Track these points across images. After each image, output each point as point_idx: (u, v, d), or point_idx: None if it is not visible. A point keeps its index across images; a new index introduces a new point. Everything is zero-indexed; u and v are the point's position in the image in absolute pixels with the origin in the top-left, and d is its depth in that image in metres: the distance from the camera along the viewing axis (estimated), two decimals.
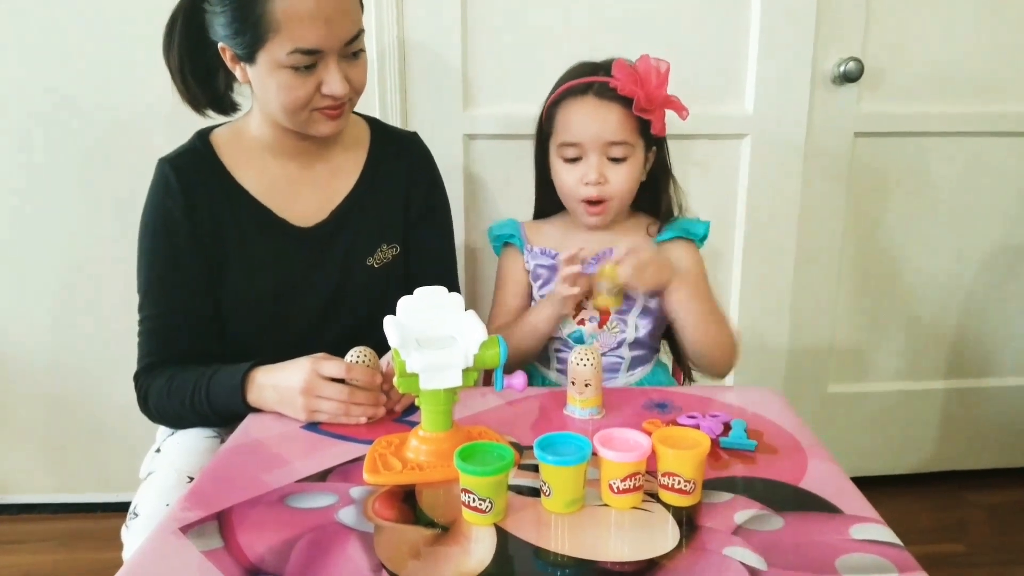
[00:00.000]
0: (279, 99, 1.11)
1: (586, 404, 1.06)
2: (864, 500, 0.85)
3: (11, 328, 1.84)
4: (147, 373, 1.18)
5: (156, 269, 1.19)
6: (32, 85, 1.68)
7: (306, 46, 1.06)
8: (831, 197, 1.85)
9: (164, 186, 1.18)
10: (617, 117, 1.21)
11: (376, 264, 1.28)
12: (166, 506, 1.01)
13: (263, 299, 1.23)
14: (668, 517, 0.82)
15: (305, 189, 1.25)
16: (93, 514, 1.96)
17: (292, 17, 1.05)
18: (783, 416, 1.07)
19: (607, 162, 1.23)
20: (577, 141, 1.23)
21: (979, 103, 1.83)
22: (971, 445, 2.09)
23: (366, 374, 1.03)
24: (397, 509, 0.83)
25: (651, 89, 1.19)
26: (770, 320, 1.90)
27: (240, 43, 1.08)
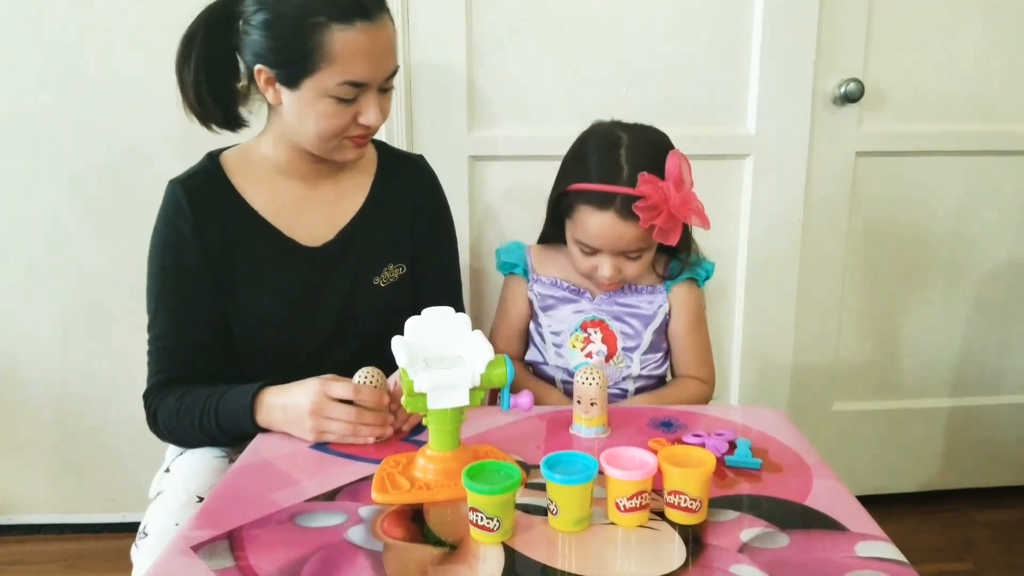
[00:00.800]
0: (317, 125, 1.14)
1: (592, 423, 1.06)
2: (869, 518, 0.86)
3: (20, 348, 1.85)
4: (157, 392, 1.19)
5: (166, 288, 1.20)
6: (44, 106, 1.70)
7: (356, 79, 1.10)
8: (833, 216, 1.86)
9: (175, 207, 1.19)
10: (635, 234, 1.21)
11: (383, 283, 1.29)
12: (175, 525, 1.02)
13: (271, 318, 1.24)
14: (674, 535, 0.82)
15: (314, 209, 1.26)
16: (101, 534, 1.96)
17: (347, 52, 1.08)
18: (787, 434, 1.07)
19: (623, 259, 1.25)
20: (592, 245, 1.24)
21: (980, 122, 1.85)
22: (978, 463, 2.08)
23: (374, 395, 1.04)
24: (405, 528, 0.84)
25: (674, 210, 1.17)
26: (774, 339, 1.90)
27: (286, 69, 1.11)
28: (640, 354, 1.32)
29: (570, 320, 1.33)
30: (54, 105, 1.70)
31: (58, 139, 1.72)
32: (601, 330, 1.32)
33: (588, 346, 1.32)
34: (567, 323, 1.33)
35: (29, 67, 1.69)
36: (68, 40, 1.67)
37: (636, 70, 1.71)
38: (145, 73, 1.67)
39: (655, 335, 1.33)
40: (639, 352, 1.32)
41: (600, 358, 1.32)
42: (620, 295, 1.33)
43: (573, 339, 1.32)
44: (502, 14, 1.67)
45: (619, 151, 1.22)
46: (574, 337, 1.32)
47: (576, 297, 1.34)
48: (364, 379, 1.05)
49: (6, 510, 1.96)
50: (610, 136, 1.25)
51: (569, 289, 1.34)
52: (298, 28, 1.08)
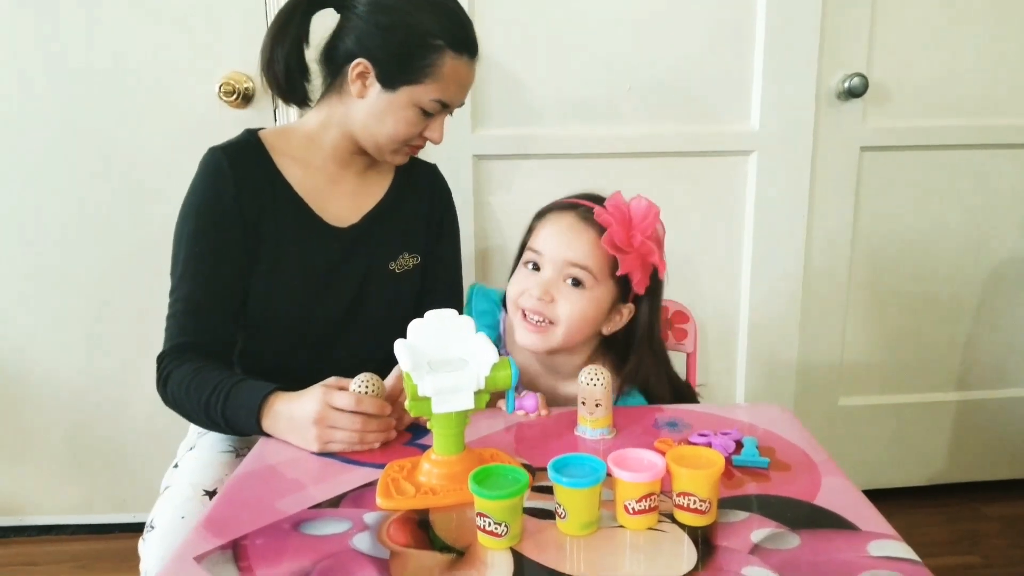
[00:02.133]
0: (395, 128, 1.23)
1: (597, 424, 1.05)
2: (880, 516, 0.85)
3: (30, 351, 1.86)
4: (174, 356, 1.18)
5: (199, 250, 1.21)
6: (49, 107, 1.71)
7: (446, 100, 1.23)
8: (838, 211, 1.85)
9: (216, 170, 1.22)
10: (588, 241, 1.12)
11: (397, 270, 1.34)
12: (181, 519, 1.05)
13: (289, 292, 1.26)
14: (684, 537, 0.81)
15: (342, 193, 1.31)
16: (112, 534, 1.97)
17: (451, 76, 1.20)
18: (794, 432, 1.06)
19: (561, 283, 1.13)
20: (540, 250, 1.15)
21: (984, 117, 1.84)
22: (985, 456, 2.08)
23: (375, 405, 1.03)
24: (412, 534, 0.83)
25: (632, 229, 1.10)
26: (780, 334, 1.89)
27: (392, 71, 1.19)
28: None
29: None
30: (59, 106, 1.71)
31: (64, 142, 1.73)
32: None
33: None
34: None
35: (34, 68, 1.69)
36: (73, 40, 1.68)
37: (640, 68, 1.70)
38: (152, 72, 1.68)
39: None
40: None
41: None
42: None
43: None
44: (505, 13, 1.67)
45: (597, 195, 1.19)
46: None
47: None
48: (363, 388, 1.04)
49: (18, 511, 1.98)
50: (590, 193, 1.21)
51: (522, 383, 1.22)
52: (419, 42, 1.18)
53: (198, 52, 1.67)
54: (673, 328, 1.48)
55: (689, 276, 1.84)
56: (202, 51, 1.65)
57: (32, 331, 1.84)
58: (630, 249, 1.10)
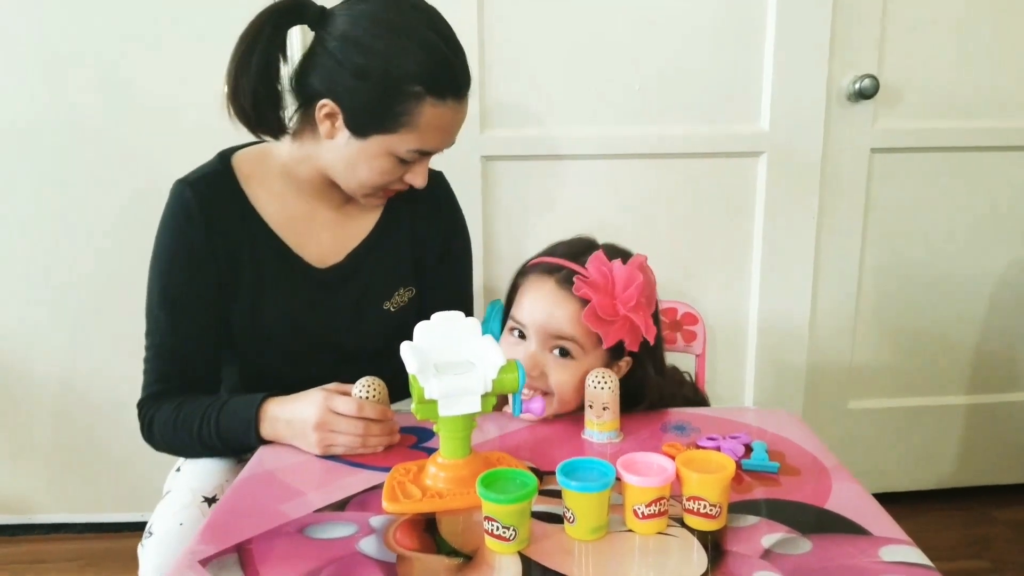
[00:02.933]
0: (367, 176, 1.12)
1: (604, 428, 1.04)
2: (892, 521, 0.84)
3: (33, 350, 1.86)
4: (153, 402, 1.16)
5: (169, 292, 1.16)
6: (57, 107, 1.70)
7: (426, 148, 1.11)
8: (848, 213, 1.84)
9: (183, 209, 1.15)
10: (570, 311, 1.06)
11: (393, 308, 1.26)
12: (180, 525, 1.03)
13: (274, 336, 1.21)
14: (694, 542, 0.80)
15: (323, 229, 1.22)
16: (119, 533, 1.97)
17: (431, 124, 1.08)
18: (803, 436, 1.05)
19: (548, 354, 1.08)
20: (523, 321, 1.10)
21: (995, 118, 1.83)
22: (995, 460, 2.06)
23: (377, 411, 1.01)
24: (419, 538, 0.82)
25: (613, 299, 1.03)
26: (789, 337, 1.88)
27: (361, 118, 1.08)
28: None
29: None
30: (59, 108, 1.71)
31: (65, 142, 1.73)
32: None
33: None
34: None
35: (35, 69, 1.69)
36: (74, 42, 1.67)
37: (649, 68, 1.70)
38: (152, 75, 1.68)
39: None
40: None
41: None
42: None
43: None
44: (514, 14, 1.66)
45: (585, 242, 1.16)
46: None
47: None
48: (365, 392, 1.03)
49: (25, 510, 1.98)
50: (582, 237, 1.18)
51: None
52: (394, 89, 1.05)
53: (205, 56, 1.66)
54: (682, 330, 1.47)
55: (698, 278, 1.83)
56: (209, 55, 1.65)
57: (38, 330, 1.85)
58: (615, 319, 1.03)
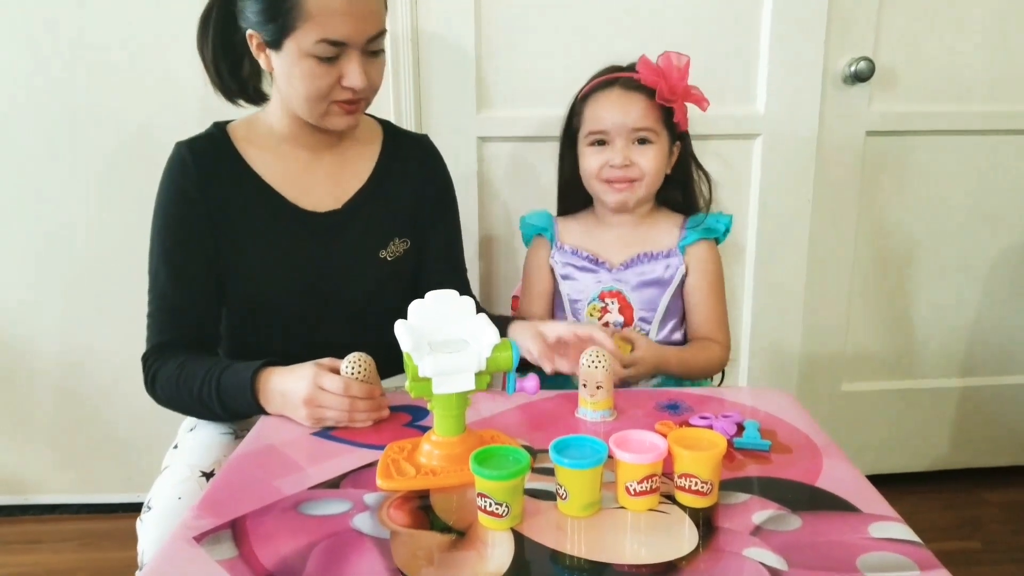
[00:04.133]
0: (301, 87, 1.14)
1: (598, 407, 1.05)
2: (881, 498, 0.85)
3: (32, 330, 1.86)
4: (156, 354, 1.19)
5: (167, 245, 1.20)
6: (52, 86, 1.70)
7: (333, 37, 1.10)
8: (844, 196, 1.84)
9: (180, 166, 1.20)
10: (642, 106, 1.28)
11: (389, 257, 1.29)
12: (178, 499, 1.04)
13: (273, 285, 1.24)
14: (685, 519, 0.81)
15: (318, 179, 1.27)
16: (115, 514, 1.97)
17: (323, 10, 1.08)
18: (795, 416, 1.06)
19: (633, 146, 1.29)
20: (604, 129, 1.30)
21: (991, 101, 1.83)
22: (987, 443, 2.07)
23: (363, 390, 1.03)
24: (412, 515, 0.83)
25: (673, 81, 1.27)
26: (783, 319, 1.89)
27: (269, 30, 1.12)
28: (657, 323, 1.34)
29: (588, 290, 1.35)
30: (61, 90, 1.70)
31: (65, 124, 1.72)
32: (618, 300, 1.34)
33: (605, 316, 1.34)
34: (585, 293, 1.36)
35: (36, 51, 1.68)
36: (82, 30, 1.67)
37: (645, 50, 1.67)
38: (154, 57, 1.67)
39: (671, 300, 1.34)
40: (656, 322, 1.34)
41: (617, 328, 1.33)
42: (636, 264, 1.34)
43: (590, 309, 1.35)
44: None
45: (617, 66, 1.36)
46: (591, 307, 1.35)
47: (595, 267, 1.36)
48: (352, 369, 1.04)
49: (22, 491, 1.99)
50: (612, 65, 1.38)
51: (588, 259, 1.37)
52: None
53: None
54: None
55: None
56: None
57: (34, 311, 1.84)
58: (677, 98, 1.27)
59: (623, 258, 1.36)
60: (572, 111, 1.38)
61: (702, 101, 1.31)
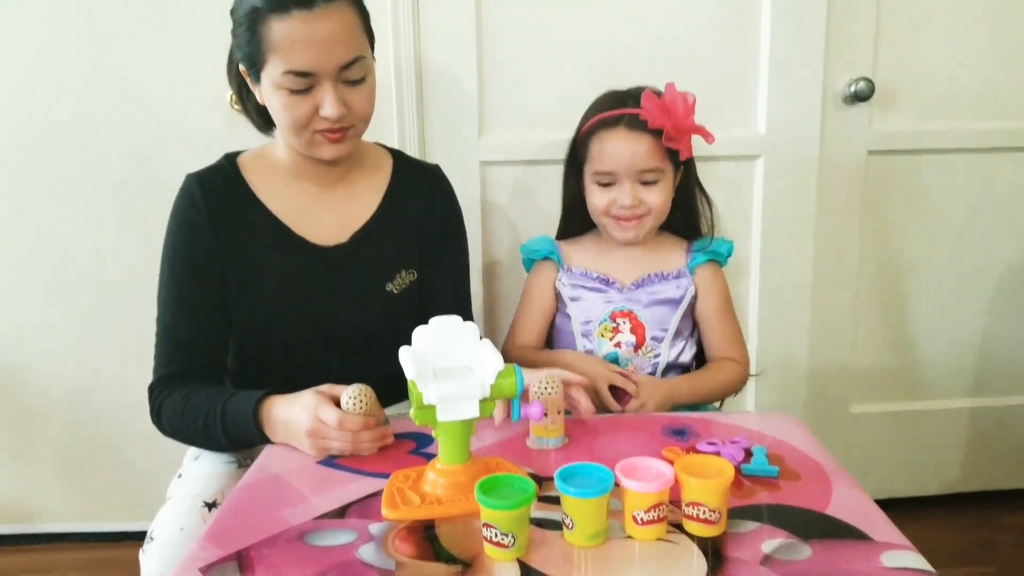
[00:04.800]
0: (280, 118, 1.16)
1: (554, 433, 1.06)
2: (892, 526, 0.83)
3: (39, 358, 1.86)
4: (163, 385, 1.19)
5: (177, 278, 1.21)
6: (66, 106, 1.71)
7: (298, 68, 1.10)
8: (846, 215, 1.84)
9: (190, 198, 1.22)
10: (647, 147, 1.29)
11: (395, 290, 1.29)
12: (180, 530, 1.04)
13: (279, 317, 1.24)
14: (694, 548, 0.80)
15: (326, 211, 1.27)
16: (122, 542, 1.96)
17: (285, 40, 1.09)
18: (803, 441, 1.05)
19: (639, 186, 1.31)
20: (611, 170, 1.31)
21: (991, 119, 1.83)
22: (1000, 464, 2.05)
23: (359, 423, 1.02)
24: (417, 545, 0.82)
25: (679, 120, 1.27)
26: (790, 341, 1.88)
27: (247, 63, 1.14)
28: (668, 342, 1.35)
29: (599, 311, 1.36)
30: (72, 112, 1.71)
31: (74, 152, 1.73)
32: (630, 320, 1.35)
33: (617, 336, 1.35)
34: (596, 313, 1.36)
35: (49, 74, 1.69)
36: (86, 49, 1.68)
37: (645, 73, 1.67)
38: (164, 76, 1.69)
39: (682, 320, 1.36)
40: (668, 340, 1.35)
41: (628, 348, 1.34)
42: (647, 284, 1.36)
43: (602, 329, 1.36)
44: (511, 20, 1.67)
45: (622, 92, 1.36)
46: (603, 327, 1.36)
47: (605, 288, 1.37)
48: (352, 403, 1.03)
49: (29, 519, 1.98)
50: (614, 90, 1.38)
51: (599, 279, 1.38)
52: (246, 22, 1.11)
53: (213, 62, 1.66)
54: None
55: None
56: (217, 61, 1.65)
57: (41, 338, 1.85)
58: (682, 136, 1.29)
59: (633, 278, 1.37)
60: (576, 142, 1.39)
61: (708, 136, 1.32)
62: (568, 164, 1.43)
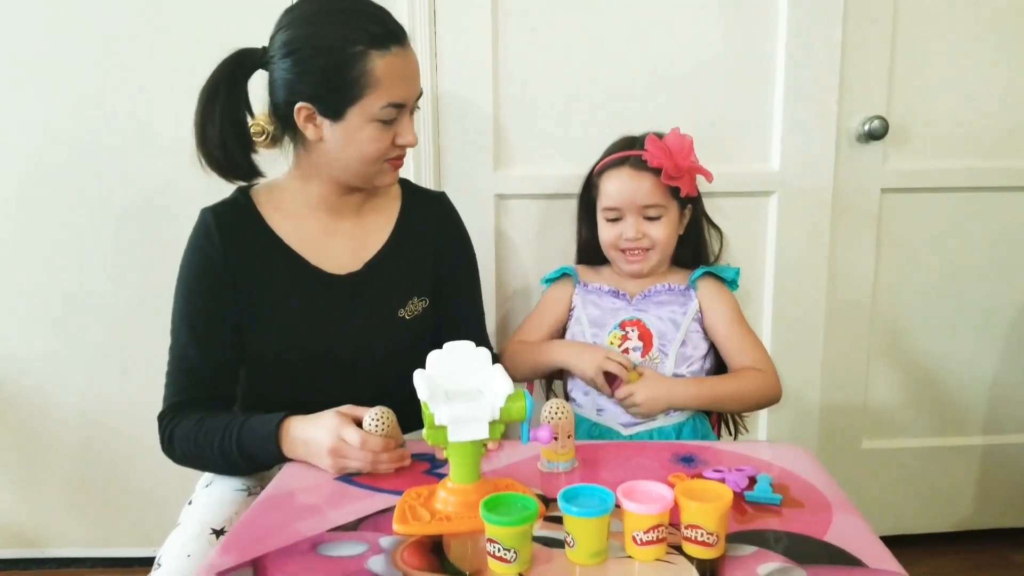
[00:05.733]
0: (362, 151, 1.20)
1: (566, 456, 1.09)
2: (888, 553, 0.85)
3: (51, 384, 1.88)
4: (174, 414, 1.21)
5: (190, 309, 1.24)
6: (78, 138, 1.74)
7: (397, 100, 1.18)
8: (860, 253, 1.86)
9: (205, 232, 1.24)
10: (649, 185, 1.38)
11: (408, 316, 1.32)
12: (187, 557, 1.05)
13: (294, 346, 1.26)
14: (692, 569, 0.82)
15: (339, 241, 1.30)
16: (132, 568, 1.97)
17: (389, 75, 1.16)
18: (811, 471, 1.07)
19: (644, 221, 1.40)
20: (616, 206, 1.41)
21: (1005, 158, 1.84)
22: (1013, 502, 2.03)
23: (380, 444, 1.06)
24: (425, 558, 0.85)
25: (677, 159, 1.36)
26: (802, 376, 1.89)
27: (331, 101, 1.17)
28: (675, 349, 1.39)
29: (608, 318, 1.42)
30: (85, 140, 1.75)
31: (88, 178, 1.77)
32: (638, 328, 1.40)
33: (625, 343, 1.40)
34: (605, 320, 1.42)
35: (61, 101, 1.73)
36: (94, 78, 1.72)
37: (660, 109, 1.73)
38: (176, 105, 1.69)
39: (689, 333, 1.40)
40: (674, 347, 1.39)
41: (636, 354, 1.39)
42: (654, 295, 1.43)
43: (611, 337, 1.41)
44: (527, 56, 1.71)
45: (632, 138, 1.46)
46: (612, 335, 1.41)
47: (615, 298, 1.44)
48: (374, 424, 1.07)
49: (39, 544, 1.99)
50: (626, 136, 1.48)
51: (610, 292, 1.46)
52: (339, 59, 1.14)
53: None
54: None
55: None
56: None
57: (53, 364, 1.87)
58: (682, 175, 1.37)
59: (642, 289, 1.44)
60: (589, 182, 1.51)
61: (707, 175, 1.41)
62: (581, 202, 1.54)
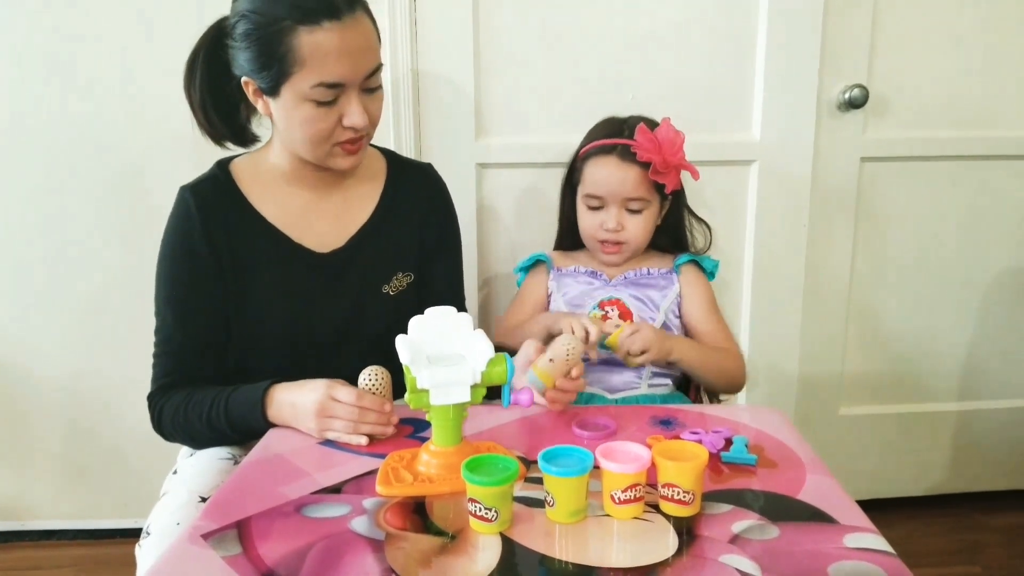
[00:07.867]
0: (302, 132, 1.15)
1: (550, 381, 1.12)
2: (859, 511, 0.88)
3: (31, 356, 1.88)
4: (162, 393, 1.22)
5: (174, 292, 1.23)
6: (59, 113, 1.73)
7: (330, 80, 1.10)
8: (839, 221, 1.87)
9: (184, 212, 1.22)
10: (635, 177, 1.37)
11: (392, 292, 1.31)
12: (176, 524, 1.05)
13: (279, 324, 1.26)
14: (668, 527, 0.85)
15: (322, 217, 1.28)
16: (113, 539, 1.97)
17: (317, 52, 1.08)
18: (784, 433, 1.09)
19: (625, 213, 1.40)
20: (600, 195, 1.40)
21: (985, 127, 1.86)
22: (985, 467, 2.08)
23: (374, 403, 1.07)
24: (407, 518, 0.87)
25: (667, 156, 1.34)
26: (780, 344, 1.91)
27: (264, 77, 1.12)
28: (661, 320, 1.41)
29: (587, 299, 1.43)
30: (67, 114, 1.73)
31: (71, 148, 1.75)
32: (618, 307, 1.41)
33: (606, 323, 1.37)
34: (585, 300, 1.43)
35: (40, 75, 1.72)
36: (80, 49, 1.70)
37: (641, 77, 1.73)
38: (157, 81, 1.69)
39: (668, 315, 1.42)
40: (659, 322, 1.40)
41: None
42: (634, 278, 1.44)
43: (592, 316, 1.39)
44: (508, 24, 1.70)
45: (620, 121, 1.44)
46: (592, 315, 1.40)
47: (592, 279, 1.44)
48: (369, 380, 1.09)
49: (20, 516, 2.00)
50: (614, 117, 1.46)
51: (587, 273, 1.46)
52: (269, 35, 1.09)
53: None
54: None
55: None
56: None
57: (33, 336, 1.87)
58: (670, 170, 1.35)
59: (620, 272, 1.45)
60: (573, 165, 1.48)
61: (695, 172, 1.40)
62: (565, 184, 1.52)
